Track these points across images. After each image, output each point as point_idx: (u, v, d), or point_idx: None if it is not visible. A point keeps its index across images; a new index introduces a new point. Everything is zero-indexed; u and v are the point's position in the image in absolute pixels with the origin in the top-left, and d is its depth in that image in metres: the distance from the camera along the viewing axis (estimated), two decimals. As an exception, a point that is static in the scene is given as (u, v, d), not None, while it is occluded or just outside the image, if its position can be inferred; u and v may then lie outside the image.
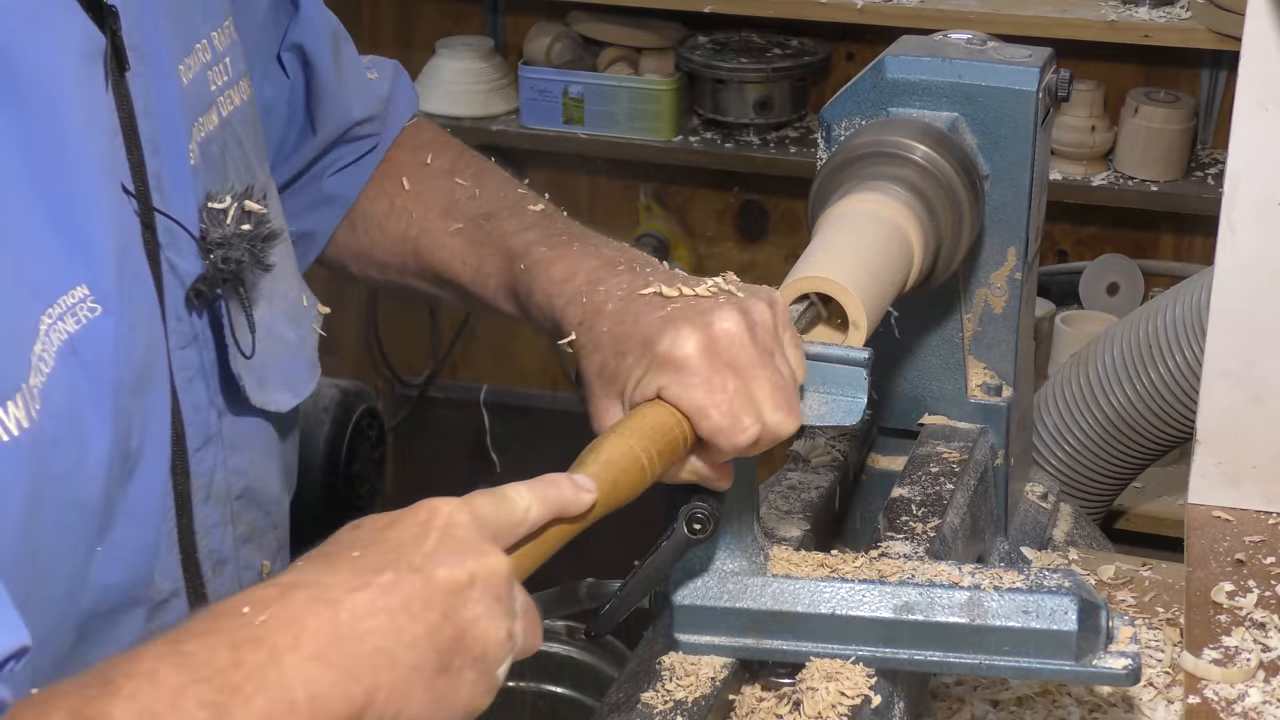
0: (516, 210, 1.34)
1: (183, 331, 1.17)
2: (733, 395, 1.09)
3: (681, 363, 1.09)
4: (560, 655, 3.25)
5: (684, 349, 1.09)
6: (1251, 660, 1.45)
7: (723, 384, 1.09)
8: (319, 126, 1.42)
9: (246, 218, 1.18)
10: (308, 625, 0.85)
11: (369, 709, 0.86)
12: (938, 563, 1.22)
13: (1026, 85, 1.46)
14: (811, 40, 3.50)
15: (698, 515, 1.12)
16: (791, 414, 1.11)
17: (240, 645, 0.83)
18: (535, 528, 0.98)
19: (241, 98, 1.27)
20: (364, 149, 1.45)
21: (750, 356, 1.10)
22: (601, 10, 3.50)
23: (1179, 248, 3.46)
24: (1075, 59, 3.23)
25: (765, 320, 1.12)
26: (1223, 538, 1.66)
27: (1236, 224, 1.65)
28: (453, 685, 0.89)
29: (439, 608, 0.89)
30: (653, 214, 3.72)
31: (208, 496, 1.20)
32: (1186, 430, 2.05)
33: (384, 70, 1.49)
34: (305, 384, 1.34)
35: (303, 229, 1.44)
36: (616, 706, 1.21)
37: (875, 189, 1.37)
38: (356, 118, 1.43)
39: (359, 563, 0.90)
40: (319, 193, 1.45)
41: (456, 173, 1.41)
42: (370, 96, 1.45)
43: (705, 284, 1.16)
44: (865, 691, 1.15)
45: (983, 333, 1.55)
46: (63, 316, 1.02)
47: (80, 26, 1.08)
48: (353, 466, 2.88)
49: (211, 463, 1.21)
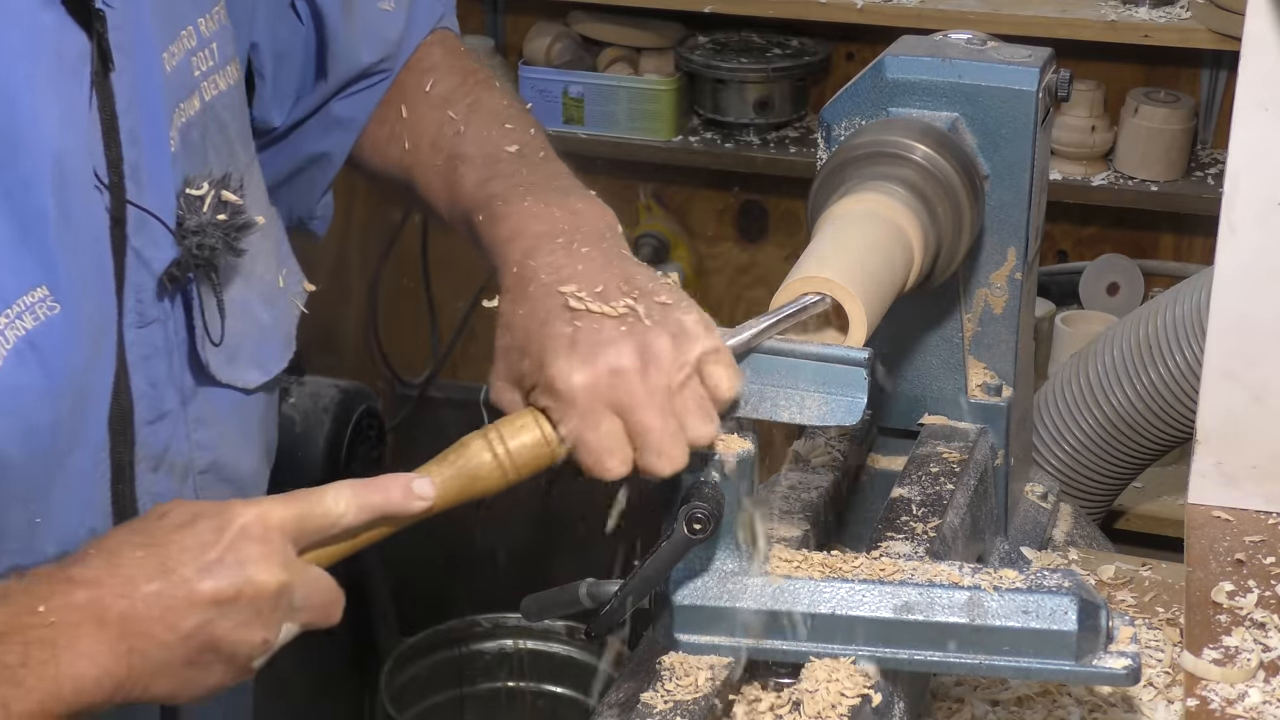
0: (491, 155, 1.35)
1: (144, 313, 1.20)
2: (604, 435, 1.11)
3: (563, 394, 1.12)
4: (560, 655, 3.25)
5: (568, 381, 1.12)
6: (1251, 660, 1.45)
7: (595, 423, 1.11)
8: (329, 73, 1.45)
9: (223, 207, 1.21)
10: (83, 630, 1.01)
11: (119, 690, 1.02)
12: (938, 563, 1.22)
13: (1026, 85, 1.46)
14: (811, 40, 3.50)
15: (698, 515, 1.12)
16: (669, 458, 1.12)
17: (31, 644, 1.00)
18: (349, 530, 1.08)
19: (228, 82, 1.29)
20: (375, 80, 1.47)
21: (635, 397, 1.11)
22: (601, 10, 3.50)
23: (1179, 248, 3.45)
24: (1075, 59, 3.22)
25: (663, 355, 1.12)
26: (1223, 538, 1.66)
27: (1236, 224, 1.65)
28: (200, 675, 1.05)
29: (196, 618, 1.03)
30: (653, 214, 3.72)
31: (157, 466, 1.25)
32: (1186, 430, 2.04)
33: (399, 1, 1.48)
34: (276, 362, 1.37)
35: (318, 150, 1.48)
36: (616, 706, 1.21)
37: (875, 189, 1.37)
38: (365, 64, 1.45)
39: (137, 566, 1.03)
40: (329, 115, 1.47)
41: (452, 103, 1.42)
42: (379, 41, 1.46)
43: (621, 301, 1.15)
44: (865, 691, 1.15)
45: (983, 333, 1.55)
46: (21, 315, 1.07)
47: (61, 31, 1.10)
48: (353, 466, 2.88)
49: (167, 436, 1.25)
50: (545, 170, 1.33)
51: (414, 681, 3.20)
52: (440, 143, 1.39)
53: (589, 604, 1.20)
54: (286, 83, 1.44)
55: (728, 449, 1.16)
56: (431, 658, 3.24)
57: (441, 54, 1.49)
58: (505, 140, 1.36)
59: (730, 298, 3.74)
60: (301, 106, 1.46)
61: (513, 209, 1.27)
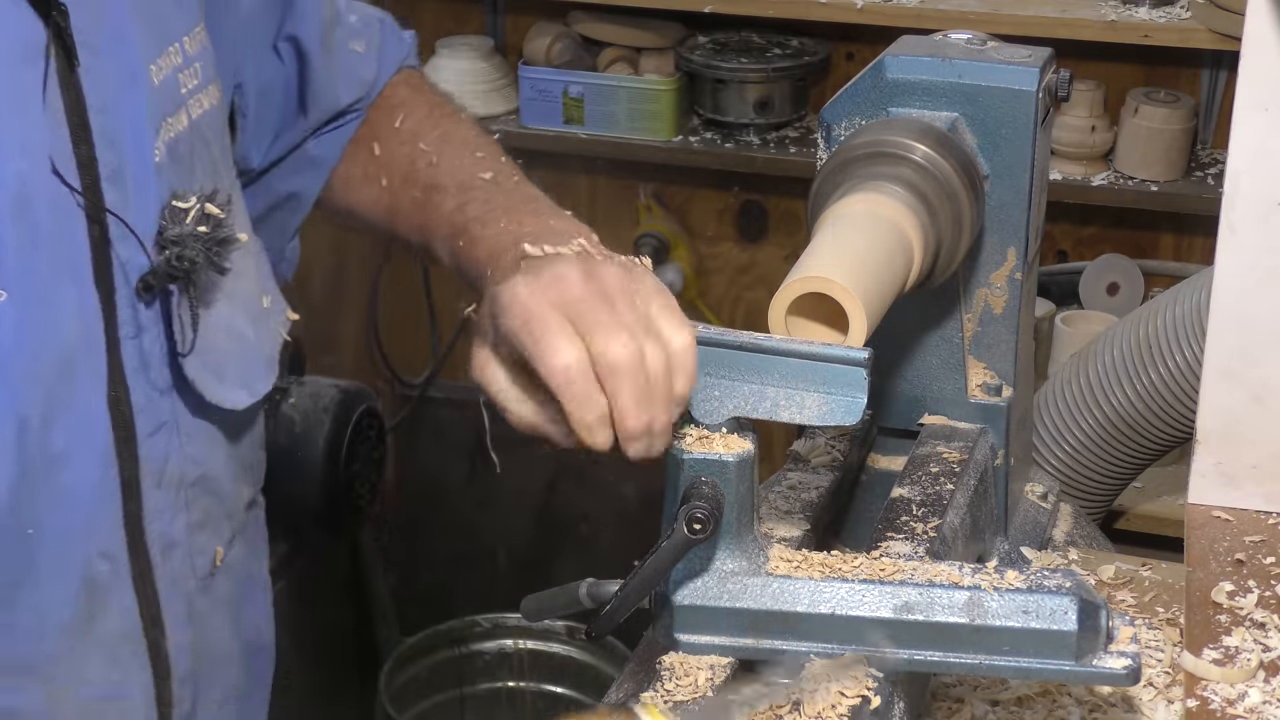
0: (464, 183, 1.37)
1: (139, 322, 1.21)
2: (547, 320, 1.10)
3: (509, 303, 1.12)
4: (560, 655, 3.25)
5: (514, 290, 1.13)
6: (1251, 660, 1.45)
7: (541, 314, 1.11)
8: (309, 110, 1.47)
9: (205, 220, 1.21)
10: None
11: None
12: (938, 563, 1.22)
13: (1026, 85, 1.46)
14: (811, 40, 3.50)
15: (697, 515, 1.12)
16: (619, 341, 1.09)
17: None
18: None
19: (211, 102, 1.31)
20: (348, 119, 1.50)
21: (578, 296, 1.12)
22: (601, 10, 3.50)
23: (1179, 248, 3.45)
24: (1075, 59, 3.22)
25: (609, 276, 1.13)
26: (1223, 538, 1.66)
27: (1236, 224, 1.65)
28: None
29: None
30: (653, 214, 3.72)
31: (159, 482, 1.25)
32: (1186, 430, 2.04)
33: (370, 37, 1.51)
34: (262, 383, 1.37)
35: (289, 190, 1.50)
36: (617, 707, 1.21)
37: (875, 189, 1.37)
38: (344, 103, 1.48)
39: None
40: (303, 155, 1.49)
41: (422, 136, 1.44)
42: (356, 81, 1.49)
43: (571, 245, 1.20)
44: (865, 691, 1.15)
45: (983, 333, 1.55)
46: None
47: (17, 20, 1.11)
48: (353, 466, 2.88)
49: (165, 449, 1.26)
50: (520, 194, 1.35)
51: (414, 681, 3.21)
52: (414, 176, 1.41)
53: (589, 604, 1.21)
54: (268, 122, 1.46)
55: (728, 449, 1.16)
56: (431, 658, 3.25)
57: (408, 91, 1.52)
58: (478, 169, 1.38)
59: (730, 298, 3.75)
60: (279, 145, 1.48)
61: (489, 230, 1.29)
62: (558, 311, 1.11)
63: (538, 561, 3.75)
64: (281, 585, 2.84)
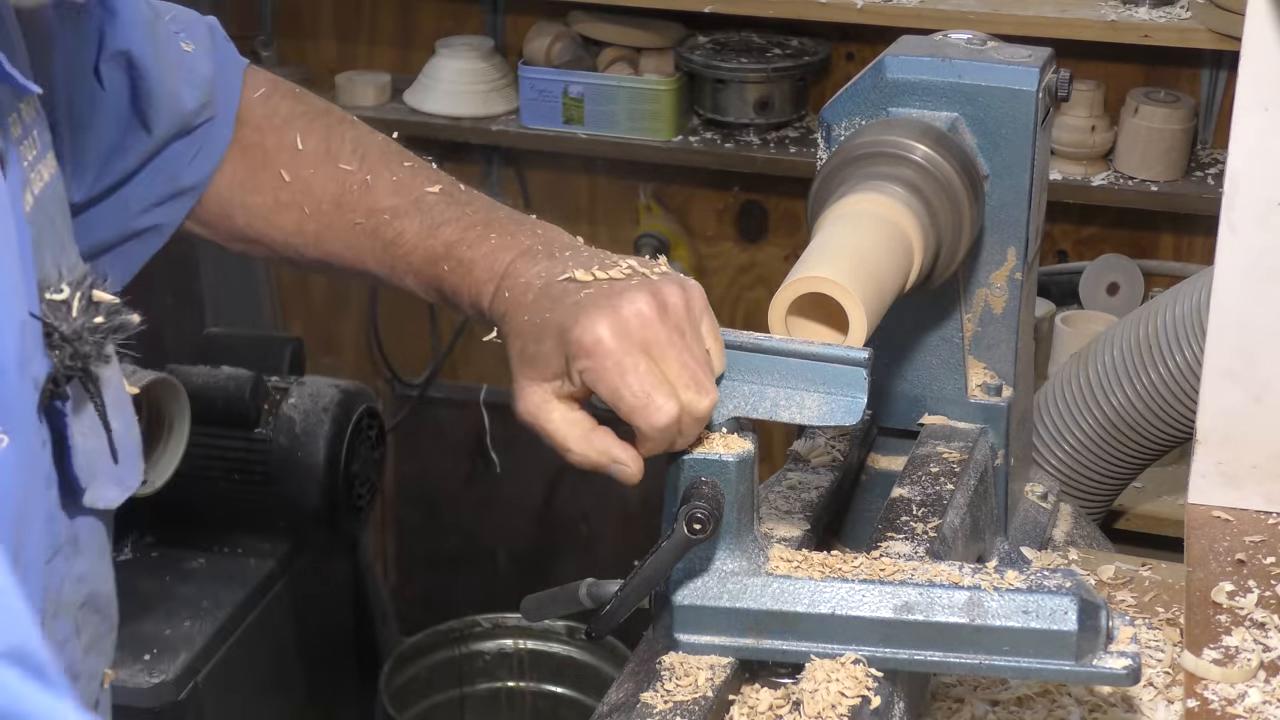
0: (417, 201, 1.30)
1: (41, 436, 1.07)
2: (644, 375, 1.11)
3: (593, 347, 1.12)
4: (560, 655, 3.25)
5: (596, 333, 1.12)
6: (1251, 660, 1.45)
7: (634, 364, 1.11)
8: (153, 125, 1.32)
9: (95, 308, 1.07)
10: None
11: None
12: (938, 563, 1.22)
13: (1026, 85, 1.46)
14: (811, 40, 3.50)
15: (697, 515, 1.12)
16: (703, 392, 1.13)
17: None
18: None
19: (50, 172, 1.15)
20: (206, 135, 1.35)
21: (660, 336, 1.13)
22: (601, 10, 3.50)
23: (1179, 248, 3.45)
24: (1075, 59, 3.23)
25: (676, 302, 1.15)
26: (1223, 538, 1.66)
27: (1236, 224, 1.65)
28: None
29: None
30: (653, 214, 3.72)
31: (56, 611, 1.13)
32: (1186, 430, 2.04)
33: (198, 36, 1.36)
34: (134, 475, 1.20)
35: (150, 222, 1.35)
36: (617, 706, 1.21)
37: (875, 189, 1.37)
38: (190, 108, 1.33)
39: None
40: (171, 184, 1.35)
41: (337, 156, 1.34)
42: (196, 80, 1.34)
43: (620, 266, 1.18)
44: (865, 692, 1.15)
45: (983, 333, 1.55)
46: None
47: None
48: (353, 466, 2.88)
49: (61, 573, 1.13)
50: (482, 203, 1.31)
51: (414, 681, 3.21)
52: (347, 199, 1.32)
53: (589, 604, 1.20)
54: (90, 152, 1.29)
55: (728, 449, 1.16)
56: (431, 658, 3.25)
57: (288, 105, 1.38)
58: (419, 182, 1.32)
59: (730, 298, 3.75)
60: (120, 165, 1.32)
61: (478, 251, 1.25)
62: (646, 357, 1.12)
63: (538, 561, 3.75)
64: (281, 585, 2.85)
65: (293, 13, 3.82)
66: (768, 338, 1.18)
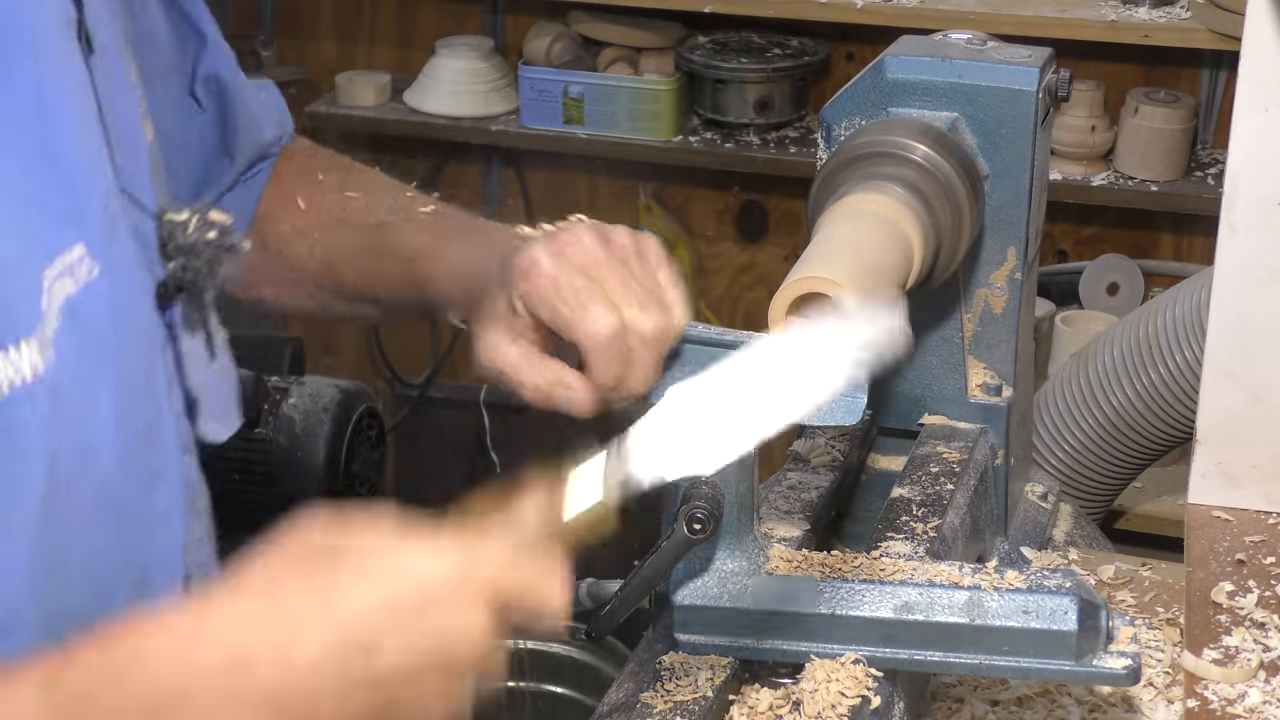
0: (407, 215, 1.34)
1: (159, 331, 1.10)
2: (580, 288, 1.12)
3: (529, 269, 1.13)
4: (560, 655, 3.25)
5: (532, 256, 1.13)
6: (1251, 660, 1.45)
7: (569, 280, 1.12)
8: (236, 154, 1.36)
9: (211, 226, 1.11)
10: None
11: None
12: (938, 563, 1.22)
13: (1026, 85, 1.46)
14: (811, 40, 3.50)
15: (698, 515, 1.12)
16: (649, 312, 1.12)
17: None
18: None
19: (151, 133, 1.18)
20: (261, 165, 1.40)
21: (600, 260, 1.13)
22: (601, 10, 3.50)
23: (1179, 248, 3.46)
24: (1075, 59, 3.22)
25: (624, 242, 1.16)
26: (1223, 538, 1.66)
27: (1236, 224, 1.65)
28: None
29: None
30: (653, 214, 3.72)
31: (195, 509, 1.15)
32: (1186, 430, 2.04)
33: (266, 85, 1.42)
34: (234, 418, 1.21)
35: None
36: (617, 706, 1.21)
37: (875, 189, 1.37)
38: (269, 140, 1.39)
39: None
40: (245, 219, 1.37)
41: (348, 187, 1.39)
42: (274, 114, 1.40)
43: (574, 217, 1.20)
44: (865, 692, 1.15)
45: (983, 333, 1.55)
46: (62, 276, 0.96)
47: None
48: (353, 466, 2.88)
49: (196, 472, 1.15)
50: (467, 218, 1.32)
51: (414, 681, 3.20)
52: (349, 222, 1.36)
53: (589, 604, 1.21)
54: (184, 177, 1.32)
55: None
56: (431, 658, 3.24)
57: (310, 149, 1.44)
58: (416, 203, 1.35)
59: (730, 298, 3.75)
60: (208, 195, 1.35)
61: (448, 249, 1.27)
62: (584, 276, 1.12)
63: (538, 561, 3.74)
64: (281, 585, 2.85)
65: (293, 13, 3.82)
66: (768, 338, 1.18)
